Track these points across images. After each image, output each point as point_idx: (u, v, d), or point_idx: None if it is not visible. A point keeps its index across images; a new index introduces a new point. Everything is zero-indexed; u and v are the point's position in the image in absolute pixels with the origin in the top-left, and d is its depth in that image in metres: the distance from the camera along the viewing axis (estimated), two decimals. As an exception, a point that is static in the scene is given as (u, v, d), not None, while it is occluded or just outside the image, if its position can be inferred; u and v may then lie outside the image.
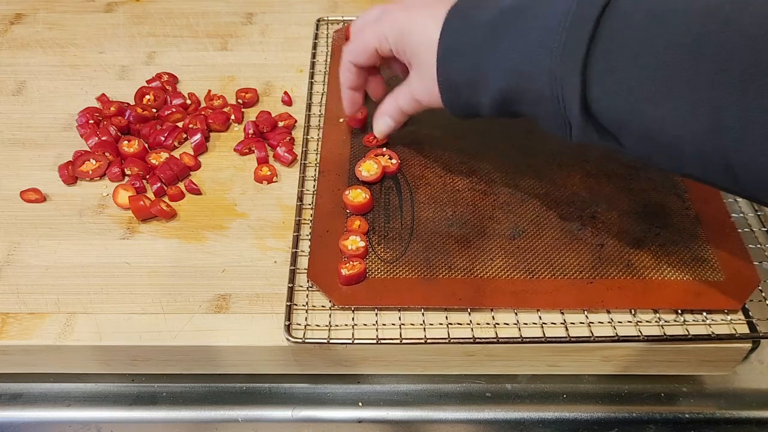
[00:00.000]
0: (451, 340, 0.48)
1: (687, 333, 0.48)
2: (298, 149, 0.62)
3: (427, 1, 0.49)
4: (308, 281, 0.51)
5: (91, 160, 0.60)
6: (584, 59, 0.39)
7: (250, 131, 0.63)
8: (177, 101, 0.66)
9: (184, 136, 0.63)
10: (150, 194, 0.58)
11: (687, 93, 0.35)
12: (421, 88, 0.51)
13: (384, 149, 0.60)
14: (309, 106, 0.66)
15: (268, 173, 0.59)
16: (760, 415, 0.51)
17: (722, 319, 0.49)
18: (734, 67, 0.33)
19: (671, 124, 0.37)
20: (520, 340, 0.48)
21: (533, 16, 0.42)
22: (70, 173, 0.59)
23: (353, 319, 0.49)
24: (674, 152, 0.38)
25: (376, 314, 0.49)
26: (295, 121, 0.65)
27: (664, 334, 0.48)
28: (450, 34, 0.46)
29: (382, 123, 0.57)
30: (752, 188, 0.36)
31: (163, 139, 0.62)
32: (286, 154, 0.61)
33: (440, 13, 0.47)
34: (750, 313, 0.49)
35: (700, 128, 0.36)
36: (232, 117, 0.65)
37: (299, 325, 0.49)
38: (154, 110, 0.66)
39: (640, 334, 0.48)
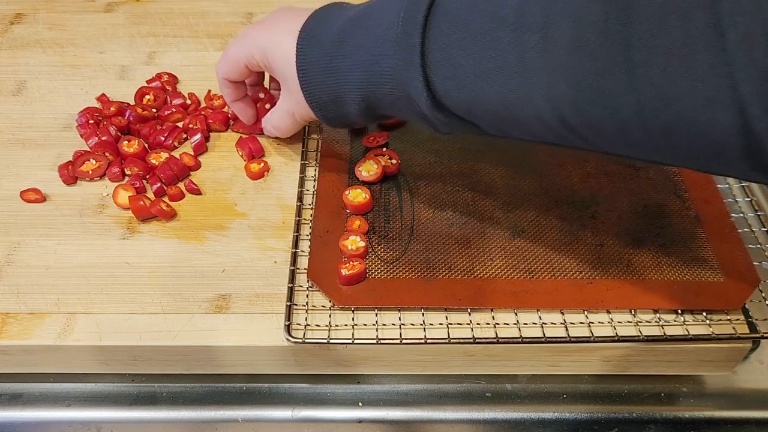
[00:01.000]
0: (451, 340, 0.48)
1: (687, 333, 0.48)
2: (297, 149, 0.62)
3: (285, 17, 0.52)
4: (308, 281, 0.51)
5: (91, 160, 0.60)
6: (421, 55, 0.40)
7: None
8: (177, 101, 0.66)
9: (184, 136, 0.63)
10: (150, 194, 0.58)
11: (517, 66, 0.37)
12: (292, 103, 0.53)
13: (384, 149, 0.60)
14: (309, 106, 0.66)
15: (261, 167, 0.60)
16: (760, 415, 0.51)
17: (722, 319, 0.49)
18: (559, 34, 0.35)
19: (511, 102, 0.38)
20: (520, 340, 0.48)
21: (369, 26, 0.44)
22: (70, 173, 0.59)
23: (353, 319, 0.49)
24: (522, 124, 0.40)
25: (376, 314, 0.49)
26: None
27: (664, 334, 0.48)
28: (304, 54, 0.48)
29: (269, 129, 0.60)
30: (593, 140, 0.38)
31: (163, 139, 0.62)
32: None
33: (296, 29, 0.49)
34: (750, 313, 0.49)
35: (537, 101, 0.37)
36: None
37: (299, 325, 0.49)
38: (154, 110, 0.65)
39: (640, 334, 0.48)
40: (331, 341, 0.47)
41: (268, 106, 0.62)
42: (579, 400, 0.51)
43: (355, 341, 0.47)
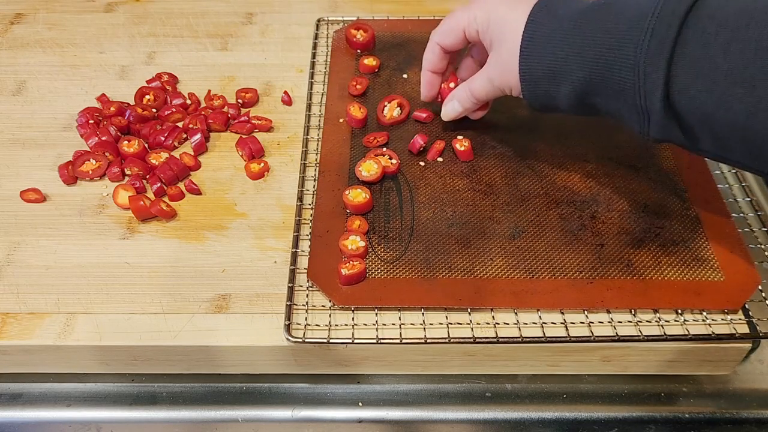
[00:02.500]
0: (451, 340, 0.48)
1: (687, 333, 0.48)
2: (297, 149, 0.62)
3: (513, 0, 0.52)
4: (308, 281, 0.51)
5: (91, 160, 0.60)
6: (671, 51, 0.40)
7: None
8: (177, 101, 0.66)
9: (184, 136, 0.63)
10: (150, 194, 0.58)
11: None
12: (498, 71, 0.52)
13: (384, 149, 0.60)
14: (309, 106, 0.66)
15: (261, 167, 0.60)
16: (760, 415, 0.51)
17: (722, 319, 0.49)
18: None
19: (761, 117, 0.38)
20: (520, 340, 0.48)
21: (619, 11, 0.44)
22: (70, 173, 0.59)
23: (353, 319, 0.49)
24: (756, 146, 0.39)
25: (376, 314, 0.49)
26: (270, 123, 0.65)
27: (664, 334, 0.48)
28: (535, 24, 0.48)
29: (450, 107, 0.59)
30: None
31: (163, 139, 0.62)
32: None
33: (528, 8, 0.49)
34: (750, 313, 0.49)
35: None
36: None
37: (299, 324, 0.49)
38: (154, 110, 0.65)
39: (640, 334, 0.48)
40: (331, 341, 0.47)
41: (452, 85, 0.61)
42: (579, 400, 0.51)
43: (355, 341, 0.47)
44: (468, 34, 0.55)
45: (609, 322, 0.49)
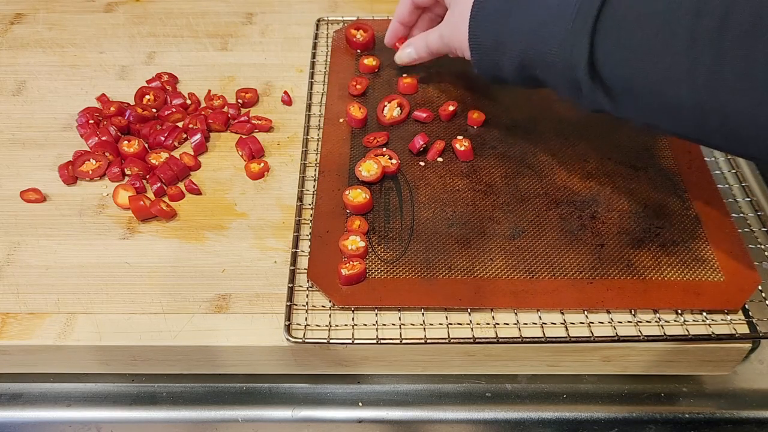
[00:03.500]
0: (451, 340, 0.48)
1: (687, 333, 0.48)
2: (297, 149, 0.62)
3: None
4: (308, 281, 0.51)
5: (91, 160, 0.60)
6: (594, 23, 0.42)
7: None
8: (177, 101, 0.66)
9: (184, 136, 0.63)
10: (150, 194, 0.58)
11: (687, 49, 0.38)
12: (449, 31, 0.56)
13: (384, 149, 0.60)
14: (309, 106, 0.66)
15: (261, 167, 0.60)
16: (760, 415, 0.51)
17: (722, 319, 0.49)
18: (734, 22, 0.36)
19: (672, 81, 0.40)
20: (520, 340, 0.48)
21: None
22: (70, 173, 0.59)
23: (353, 319, 0.49)
24: (674, 110, 0.41)
25: (376, 314, 0.49)
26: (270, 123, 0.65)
27: (664, 334, 0.48)
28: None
29: (405, 53, 0.64)
30: (745, 141, 0.39)
31: (163, 139, 0.62)
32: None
33: None
34: (750, 313, 0.49)
35: (699, 82, 0.38)
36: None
37: (299, 325, 0.49)
38: (154, 110, 0.65)
39: (640, 334, 0.48)
40: (331, 341, 0.47)
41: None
42: (579, 400, 0.51)
43: (355, 341, 0.47)
44: None
45: (609, 322, 0.49)
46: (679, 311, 0.49)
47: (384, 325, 0.49)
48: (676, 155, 0.60)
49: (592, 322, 0.49)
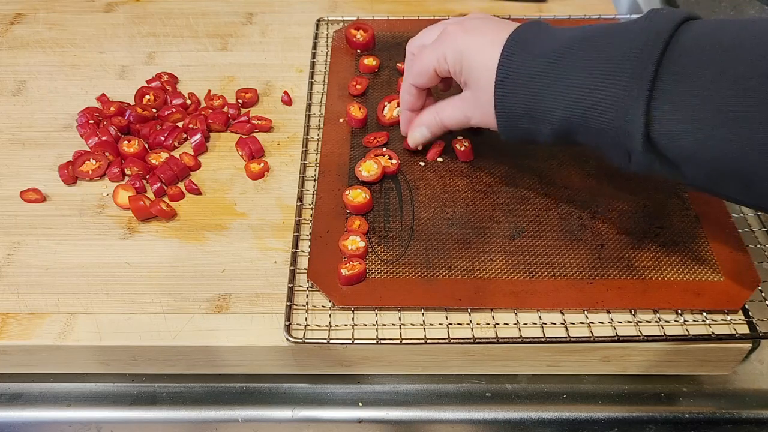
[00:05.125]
0: (451, 340, 0.48)
1: (687, 333, 0.48)
2: (297, 149, 0.62)
3: (486, 26, 0.50)
4: (308, 281, 0.51)
5: (91, 160, 0.60)
6: (649, 91, 0.39)
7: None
8: (177, 101, 0.66)
9: (184, 136, 0.63)
10: (150, 194, 0.58)
11: (764, 121, 0.35)
12: (473, 108, 0.51)
13: (384, 149, 0.60)
14: (309, 106, 0.66)
15: (261, 167, 0.60)
16: (760, 415, 0.51)
17: (722, 319, 0.49)
18: None
19: (748, 152, 0.37)
20: (520, 340, 0.48)
21: (597, 49, 0.42)
22: (70, 173, 0.59)
23: (353, 319, 0.49)
24: (745, 180, 0.38)
25: (376, 314, 0.49)
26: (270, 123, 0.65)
27: (664, 334, 0.48)
28: (510, 62, 0.46)
29: (418, 133, 0.58)
30: None
31: (163, 139, 0.62)
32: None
33: (500, 39, 0.48)
34: (750, 313, 0.49)
35: None
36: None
37: (299, 325, 0.49)
38: (154, 110, 0.65)
39: (640, 334, 0.48)
40: (331, 341, 0.47)
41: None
42: (579, 400, 0.51)
43: (355, 341, 0.47)
44: (440, 72, 0.53)
45: (609, 322, 0.49)
46: (679, 311, 0.49)
47: (384, 325, 0.49)
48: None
49: (592, 322, 0.49)
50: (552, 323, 0.49)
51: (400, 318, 0.49)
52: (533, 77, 0.45)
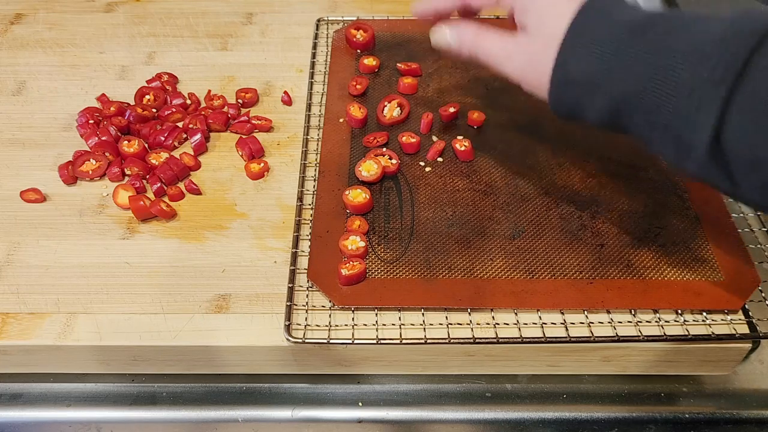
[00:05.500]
0: (451, 340, 0.48)
1: (687, 333, 0.48)
2: (297, 149, 0.62)
3: None
4: (308, 281, 0.51)
5: (91, 160, 0.60)
6: (733, 83, 0.35)
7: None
8: (177, 101, 0.66)
9: (184, 136, 0.63)
10: (150, 194, 0.58)
11: None
12: (522, 55, 0.46)
13: (384, 149, 0.60)
14: (309, 106, 0.66)
15: (261, 167, 0.60)
16: (760, 415, 0.51)
17: (722, 319, 0.49)
18: None
19: None
20: (520, 340, 0.48)
21: (683, 28, 0.39)
22: (70, 173, 0.59)
23: (353, 319, 0.49)
24: None
25: (376, 314, 0.49)
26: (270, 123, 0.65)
27: (664, 334, 0.48)
28: (584, 22, 0.42)
29: (440, 35, 0.51)
30: None
31: (163, 139, 0.62)
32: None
33: (576, 4, 0.43)
34: (750, 313, 0.49)
35: None
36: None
37: (299, 325, 0.49)
38: (154, 110, 0.65)
39: (640, 334, 0.48)
40: (331, 341, 0.47)
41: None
42: (579, 400, 0.51)
43: (355, 341, 0.47)
44: (502, 3, 0.48)
45: (609, 322, 0.49)
46: (679, 311, 0.49)
47: (384, 325, 0.49)
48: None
49: (592, 322, 0.49)
50: (552, 323, 0.49)
51: (400, 318, 0.49)
52: (605, 44, 0.41)
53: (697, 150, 0.37)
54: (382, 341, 0.47)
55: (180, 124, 0.64)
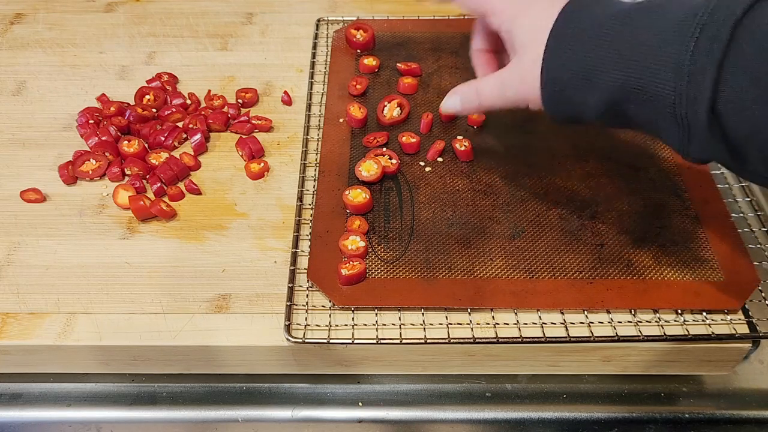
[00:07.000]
0: (451, 340, 0.48)
1: (687, 333, 0.48)
2: (297, 149, 0.62)
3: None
4: (308, 281, 0.51)
5: (91, 160, 0.60)
6: (723, 51, 0.35)
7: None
8: (177, 101, 0.66)
9: (184, 136, 0.63)
10: (150, 194, 0.58)
11: None
12: (516, 80, 0.46)
13: (384, 149, 0.60)
14: (309, 106, 0.66)
15: (261, 167, 0.60)
16: (760, 415, 0.51)
17: (722, 319, 0.49)
18: None
19: None
20: (520, 340, 0.48)
21: (667, 9, 0.39)
22: (70, 173, 0.59)
23: (353, 319, 0.49)
24: None
25: (376, 314, 0.49)
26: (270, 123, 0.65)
27: (664, 334, 0.48)
28: (565, 22, 0.43)
29: (450, 102, 0.52)
30: None
31: (163, 139, 0.62)
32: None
33: (556, 11, 0.44)
34: (750, 313, 0.49)
35: None
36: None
37: (299, 325, 0.49)
38: (154, 110, 0.65)
39: (640, 334, 0.48)
40: (331, 341, 0.47)
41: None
42: (579, 400, 0.51)
43: (355, 341, 0.47)
44: (491, 24, 0.49)
45: (609, 322, 0.49)
46: (679, 311, 0.49)
47: (384, 325, 0.49)
48: (676, 155, 0.60)
49: (592, 322, 0.49)
50: (552, 323, 0.49)
51: (400, 318, 0.49)
52: (590, 36, 0.41)
53: (697, 127, 0.37)
54: (382, 341, 0.47)
55: (180, 124, 0.64)
